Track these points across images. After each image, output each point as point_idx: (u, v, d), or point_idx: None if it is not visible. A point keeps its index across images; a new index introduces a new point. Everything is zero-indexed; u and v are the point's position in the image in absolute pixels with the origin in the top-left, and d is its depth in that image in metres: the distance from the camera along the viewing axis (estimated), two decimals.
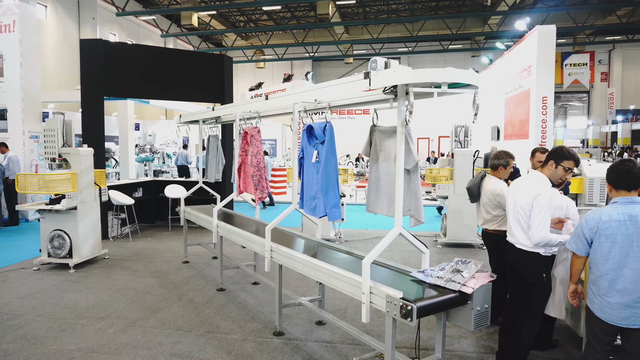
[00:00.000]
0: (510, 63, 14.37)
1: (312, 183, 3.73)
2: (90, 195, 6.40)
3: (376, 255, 2.91)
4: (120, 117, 14.38)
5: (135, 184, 9.67)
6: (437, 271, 3.07)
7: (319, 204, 3.66)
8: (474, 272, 2.93)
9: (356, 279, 2.99)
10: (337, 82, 3.19)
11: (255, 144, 4.54)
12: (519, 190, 3.19)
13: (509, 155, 4.21)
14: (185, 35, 29.19)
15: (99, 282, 5.62)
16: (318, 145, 3.58)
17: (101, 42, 8.11)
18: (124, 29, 26.40)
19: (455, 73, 2.58)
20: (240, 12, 28.44)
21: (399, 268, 3.32)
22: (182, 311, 4.68)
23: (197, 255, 6.96)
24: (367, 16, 29.03)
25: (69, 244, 6.17)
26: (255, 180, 4.55)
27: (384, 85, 2.77)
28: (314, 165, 3.69)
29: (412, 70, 2.60)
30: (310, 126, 3.69)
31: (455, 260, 3.10)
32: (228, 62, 9.33)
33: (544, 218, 2.99)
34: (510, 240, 3.28)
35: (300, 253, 3.72)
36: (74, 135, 6.35)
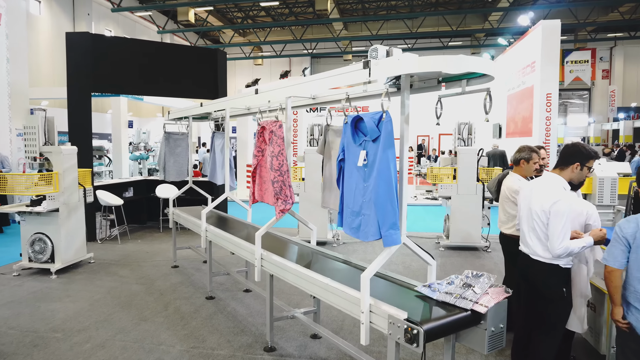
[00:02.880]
0: (512, 59, 14.04)
1: (357, 194, 2.74)
2: (74, 196, 6.05)
3: (376, 269, 2.58)
4: (114, 114, 14.03)
5: (126, 183, 9.33)
6: (445, 285, 2.74)
7: (367, 223, 2.66)
8: (487, 287, 2.60)
9: (354, 295, 2.66)
10: (333, 72, 2.86)
11: (277, 142, 3.55)
12: (534, 195, 2.85)
13: (531, 149, 3.85)
14: (182, 32, 28.76)
15: (81, 290, 5.28)
16: (367, 143, 2.65)
17: (88, 36, 7.76)
18: (119, 25, 25.98)
19: (469, 61, 2.25)
20: (238, 8, 28.04)
21: (402, 281, 2.99)
22: (167, 322, 4.34)
23: (188, 259, 6.62)
24: (366, 12, 28.64)
25: (51, 248, 5.83)
26: (277, 187, 3.55)
27: (385, 75, 2.44)
28: (359, 171, 2.71)
29: (419, 58, 2.26)
30: (357, 117, 2.75)
31: (465, 273, 2.77)
32: (222, 57, 8.97)
33: (565, 227, 2.66)
34: (524, 250, 2.95)
35: (292, 263, 3.39)
36: (56, 133, 6.00)
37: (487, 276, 2.69)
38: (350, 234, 2.86)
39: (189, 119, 6.17)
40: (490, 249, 7.12)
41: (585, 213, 3.08)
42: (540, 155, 3.92)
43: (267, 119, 3.85)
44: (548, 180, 2.84)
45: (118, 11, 22.78)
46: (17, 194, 5.64)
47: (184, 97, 10.04)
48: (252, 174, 4.08)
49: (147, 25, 27.87)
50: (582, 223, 3.06)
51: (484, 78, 2.54)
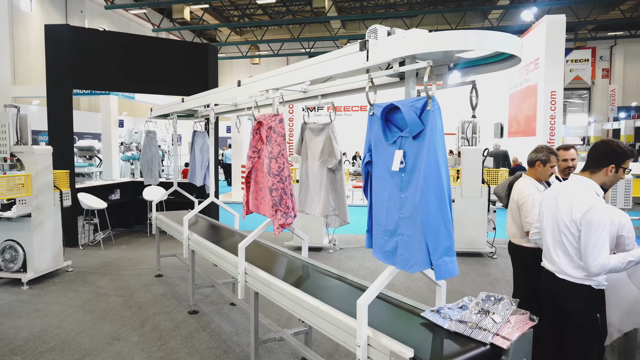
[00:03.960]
0: None
1: (391, 207, 2.10)
2: (49, 200, 5.60)
3: (376, 293, 2.14)
4: (103, 112, 13.56)
5: (112, 185, 8.87)
6: (456, 310, 2.31)
7: (407, 247, 2.03)
8: (508, 314, 2.18)
9: (349, 323, 2.22)
10: (324, 57, 2.42)
11: (277, 140, 2.93)
12: (560, 203, 2.41)
13: (550, 150, 3.38)
14: (178, 30, 28.32)
15: (53, 303, 4.83)
16: (405, 140, 1.99)
17: (68, 28, 7.29)
18: (114, 23, 25.50)
19: (494, 38, 1.82)
20: (234, 7, 27.59)
21: (405, 304, 2.55)
22: (142, 342, 3.90)
23: (173, 267, 6.18)
24: (364, 11, 28.21)
25: (23, 256, 5.38)
26: (276, 196, 2.92)
27: (388, 58, 1.99)
28: (394, 177, 2.06)
29: (430, 35, 1.83)
30: (390, 106, 2.03)
31: (481, 296, 2.34)
32: (212, 52, 8.53)
33: (601, 239, 2.22)
34: (548, 267, 2.51)
35: (278, 280, 2.94)
36: (30, 132, 5.55)
37: (509, 300, 2.27)
38: (383, 260, 2.17)
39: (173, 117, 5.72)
40: (496, 255, 6.70)
41: (617, 222, 2.65)
42: (559, 157, 3.49)
43: (265, 113, 3.23)
44: (577, 184, 2.40)
45: (111, 8, 22.30)
46: None
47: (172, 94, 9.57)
48: (245, 179, 3.40)
49: (142, 24, 27.39)
50: (614, 234, 2.63)
51: (505, 62, 2.11)
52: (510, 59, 2.07)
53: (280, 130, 2.95)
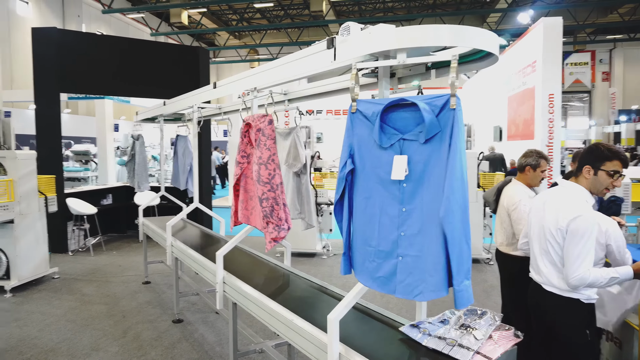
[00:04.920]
0: (512, 59, 13.53)
1: (385, 224, 1.79)
2: (33, 205, 5.50)
3: (347, 309, 2.01)
4: (98, 117, 13.47)
5: (104, 190, 8.78)
6: (437, 325, 2.19)
7: (412, 271, 1.74)
8: (491, 330, 2.06)
9: (322, 339, 2.11)
10: (291, 57, 2.31)
11: (267, 144, 2.64)
12: (547, 210, 2.29)
13: (540, 154, 3.26)
14: (176, 34, 28.29)
15: (35, 311, 4.72)
16: (410, 144, 1.72)
17: (55, 31, 7.23)
18: (112, 27, 25.49)
19: (469, 33, 1.72)
20: (233, 11, 27.58)
21: (384, 317, 2.43)
22: (121, 353, 3.78)
23: (162, 274, 6.06)
24: (362, 14, 28.22)
25: (6, 263, 5.28)
26: (267, 207, 2.65)
27: (354, 55, 1.88)
28: (390, 187, 1.77)
29: (398, 30, 1.72)
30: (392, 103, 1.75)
31: (463, 310, 2.22)
32: (204, 55, 8.44)
33: (584, 250, 2.10)
34: (535, 278, 2.39)
35: (255, 290, 2.83)
36: (13, 137, 5.45)
37: (491, 314, 2.15)
38: (374, 287, 1.84)
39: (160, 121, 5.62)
40: (492, 261, 6.57)
41: (604, 230, 2.52)
42: (548, 162, 3.37)
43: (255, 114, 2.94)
44: (565, 190, 2.28)
45: (109, 12, 22.29)
46: None
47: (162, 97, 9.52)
48: (234, 187, 3.08)
49: (140, 28, 27.38)
50: (603, 243, 2.50)
51: (483, 61, 1.99)
52: (487, 57, 1.96)
53: (270, 133, 2.66)
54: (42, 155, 7.15)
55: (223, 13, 28.20)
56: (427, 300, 1.76)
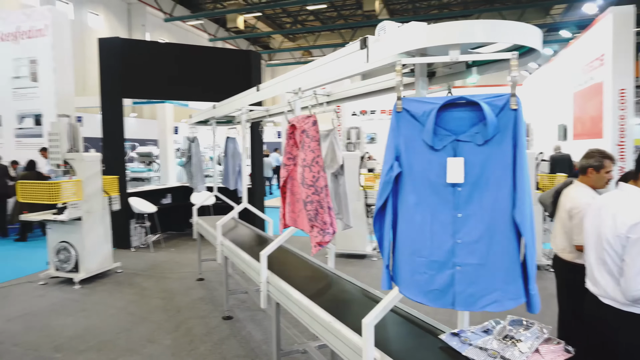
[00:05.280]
0: (578, 53, 12.71)
1: (438, 232, 1.67)
2: (98, 204, 5.90)
3: (383, 313, 1.99)
4: (159, 120, 14.20)
5: (164, 190, 9.24)
6: (479, 334, 2.12)
7: (476, 280, 1.65)
8: (538, 343, 1.95)
9: (357, 342, 2.10)
10: (324, 60, 2.33)
11: (310, 145, 2.59)
12: (604, 216, 2.13)
13: (604, 154, 3.02)
14: (233, 39, 29.22)
15: (99, 303, 5.06)
16: (464, 146, 1.64)
17: (119, 41, 7.69)
18: (173, 35, 26.77)
19: (508, 29, 1.64)
20: (287, 14, 28.04)
21: (425, 322, 2.38)
22: (174, 346, 3.97)
23: (215, 272, 6.28)
24: (416, 12, 27.64)
25: (75, 257, 5.70)
26: (311, 210, 2.61)
27: (386, 55, 1.85)
28: (440, 192, 1.67)
29: (429, 27, 1.67)
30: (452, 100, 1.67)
31: (508, 319, 2.13)
32: (255, 58, 8.65)
33: None
34: (592, 290, 2.23)
35: (296, 291, 2.86)
36: (81, 140, 5.87)
37: (539, 326, 2.04)
38: (427, 302, 1.70)
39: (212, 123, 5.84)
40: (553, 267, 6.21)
41: None
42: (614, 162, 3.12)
43: (299, 115, 2.94)
44: (625, 194, 2.11)
45: (170, 20, 23.48)
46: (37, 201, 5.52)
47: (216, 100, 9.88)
48: (281, 189, 3.05)
49: (199, 34, 28.55)
50: None
51: (525, 57, 1.89)
52: (529, 53, 1.85)
53: (314, 134, 2.60)
54: (107, 156, 7.68)
55: (277, 16, 28.74)
56: (505, 310, 1.67)
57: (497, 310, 1.68)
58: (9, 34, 10.21)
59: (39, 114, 10.02)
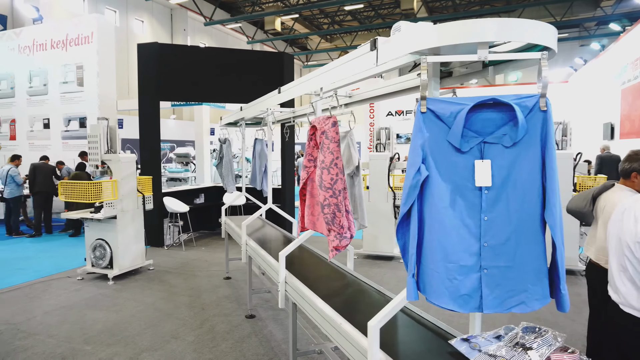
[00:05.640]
0: (627, 48, 12.00)
1: (465, 236, 1.63)
2: (132, 203, 6.12)
3: (390, 316, 1.95)
4: (196, 121, 14.59)
5: (197, 190, 9.48)
6: (490, 340, 2.02)
7: (498, 282, 1.63)
8: (549, 351, 1.84)
9: (363, 344, 2.06)
10: (337, 63, 2.31)
11: (330, 147, 2.51)
12: (625, 220, 1.99)
13: None
14: (271, 41, 29.61)
15: (130, 298, 5.24)
16: (492, 148, 1.62)
17: (156, 46, 7.94)
18: (213, 38, 27.47)
19: (520, 26, 1.58)
20: (324, 14, 28.13)
21: (436, 326, 2.31)
22: (197, 342, 4.05)
23: (242, 271, 6.36)
24: (456, 9, 26.98)
25: (110, 254, 5.93)
26: (329, 213, 2.55)
27: (396, 56, 1.81)
28: (466, 196, 1.63)
29: (439, 26, 1.62)
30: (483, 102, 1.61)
31: (522, 326, 2.03)
32: (288, 60, 8.71)
33: None
34: (613, 298, 2.09)
35: (310, 291, 2.84)
36: (119, 141, 6.10)
37: (553, 334, 1.93)
38: (456, 309, 1.64)
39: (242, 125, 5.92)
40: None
41: None
42: None
43: (320, 115, 2.87)
44: None
45: (210, 24, 24.07)
46: (73, 200, 5.80)
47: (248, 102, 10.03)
48: (300, 191, 3.01)
49: (237, 37, 29.15)
50: None
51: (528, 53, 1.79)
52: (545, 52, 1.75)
53: (334, 135, 2.53)
54: (144, 157, 7.97)
55: (315, 17, 28.88)
56: (531, 311, 1.66)
57: (523, 312, 1.66)
58: (59, 41, 10.80)
59: (84, 117, 10.53)
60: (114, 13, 21.16)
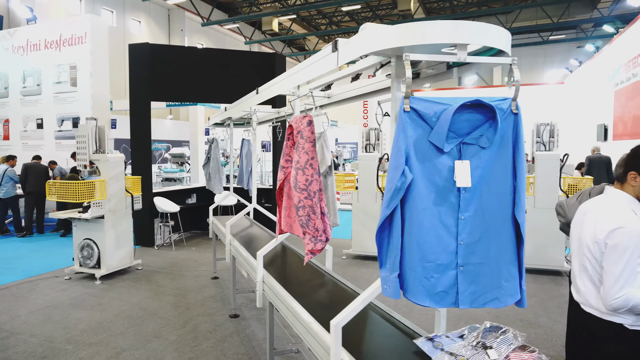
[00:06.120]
0: (620, 49, 12.03)
1: (443, 235, 1.64)
2: (121, 203, 6.12)
3: (353, 314, 1.96)
4: (191, 122, 14.60)
5: (189, 190, 9.49)
6: (454, 339, 2.04)
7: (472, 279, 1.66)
8: (508, 351, 1.86)
9: (327, 341, 2.07)
10: (303, 65, 2.33)
11: (304, 147, 2.47)
12: (586, 221, 2.00)
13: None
14: (269, 41, 29.63)
15: (115, 298, 5.24)
16: (469, 149, 1.64)
17: (147, 46, 7.95)
18: (210, 39, 27.49)
19: (469, 29, 1.59)
20: (322, 15, 28.16)
21: (399, 323, 2.32)
22: (178, 341, 4.05)
23: (229, 271, 6.33)
24: (454, 10, 27.00)
25: (97, 254, 5.94)
26: (303, 216, 2.49)
27: (353, 57, 1.82)
28: (445, 196, 1.64)
29: (394, 27, 1.63)
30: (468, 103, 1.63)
31: (485, 326, 2.04)
32: (280, 61, 8.74)
33: (629, 267, 1.80)
34: (575, 297, 2.10)
35: (285, 291, 2.85)
36: (107, 141, 6.11)
37: (514, 334, 1.94)
38: (432, 305, 1.67)
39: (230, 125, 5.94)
40: None
41: None
42: None
43: (298, 115, 2.86)
44: (608, 198, 1.98)
45: (208, 25, 24.05)
46: (61, 200, 5.81)
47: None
48: (277, 193, 2.93)
49: (235, 37, 29.18)
50: None
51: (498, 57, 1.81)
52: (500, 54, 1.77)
53: (309, 135, 2.46)
54: (134, 157, 7.98)
55: (312, 18, 28.91)
56: (505, 306, 1.72)
57: (497, 307, 1.71)
58: (53, 41, 10.80)
59: (77, 117, 10.53)
60: (111, 13, 21.18)
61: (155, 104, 14.79)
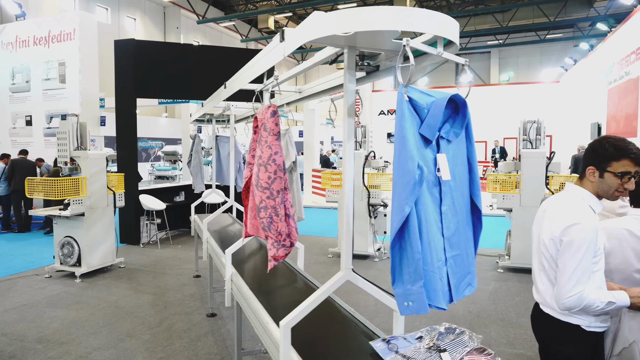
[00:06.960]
0: (614, 47, 11.96)
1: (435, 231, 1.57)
2: (102, 200, 6.05)
3: (302, 315, 1.89)
4: (183, 119, 14.50)
5: (177, 187, 9.41)
6: (411, 342, 1.98)
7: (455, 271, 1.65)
8: (463, 354, 1.79)
9: (277, 338, 2.01)
10: (257, 58, 2.27)
11: (267, 140, 2.22)
12: (546, 218, 1.94)
13: None
14: (265, 39, 29.53)
15: (93, 297, 5.17)
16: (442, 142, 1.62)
17: (133, 42, 7.87)
18: (206, 36, 27.39)
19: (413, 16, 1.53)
20: None
21: (361, 324, 2.25)
22: (151, 341, 3.98)
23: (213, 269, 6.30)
24: (451, 8, 26.92)
25: (78, 252, 5.86)
26: (265, 218, 2.25)
27: (298, 45, 1.75)
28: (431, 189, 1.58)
29: (336, 14, 1.56)
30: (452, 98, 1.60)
31: (442, 327, 1.97)
32: None
33: (582, 265, 1.73)
34: (535, 298, 2.03)
35: (249, 290, 2.78)
36: (89, 138, 6.03)
37: (469, 335, 1.88)
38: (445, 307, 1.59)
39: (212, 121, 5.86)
40: None
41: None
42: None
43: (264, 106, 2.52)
44: (566, 195, 1.91)
45: (203, 22, 23.94)
46: (40, 197, 5.74)
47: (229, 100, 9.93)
48: (242, 192, 2.72)
49: (231, 35, 29.08)
50: (631, 269, 2.01)
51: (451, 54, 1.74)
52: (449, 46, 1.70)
53: (272, 127, 2.21)
54: (120, 154, 7.90)
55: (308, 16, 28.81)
56: (474, 290, 1.77)
57: (471, 292, 1.74)
58: (42, 37, 10.71)
59: (65, 113, 10.43)
60: (105, 11, 21.08)
61: (149, 101, 14.77)
